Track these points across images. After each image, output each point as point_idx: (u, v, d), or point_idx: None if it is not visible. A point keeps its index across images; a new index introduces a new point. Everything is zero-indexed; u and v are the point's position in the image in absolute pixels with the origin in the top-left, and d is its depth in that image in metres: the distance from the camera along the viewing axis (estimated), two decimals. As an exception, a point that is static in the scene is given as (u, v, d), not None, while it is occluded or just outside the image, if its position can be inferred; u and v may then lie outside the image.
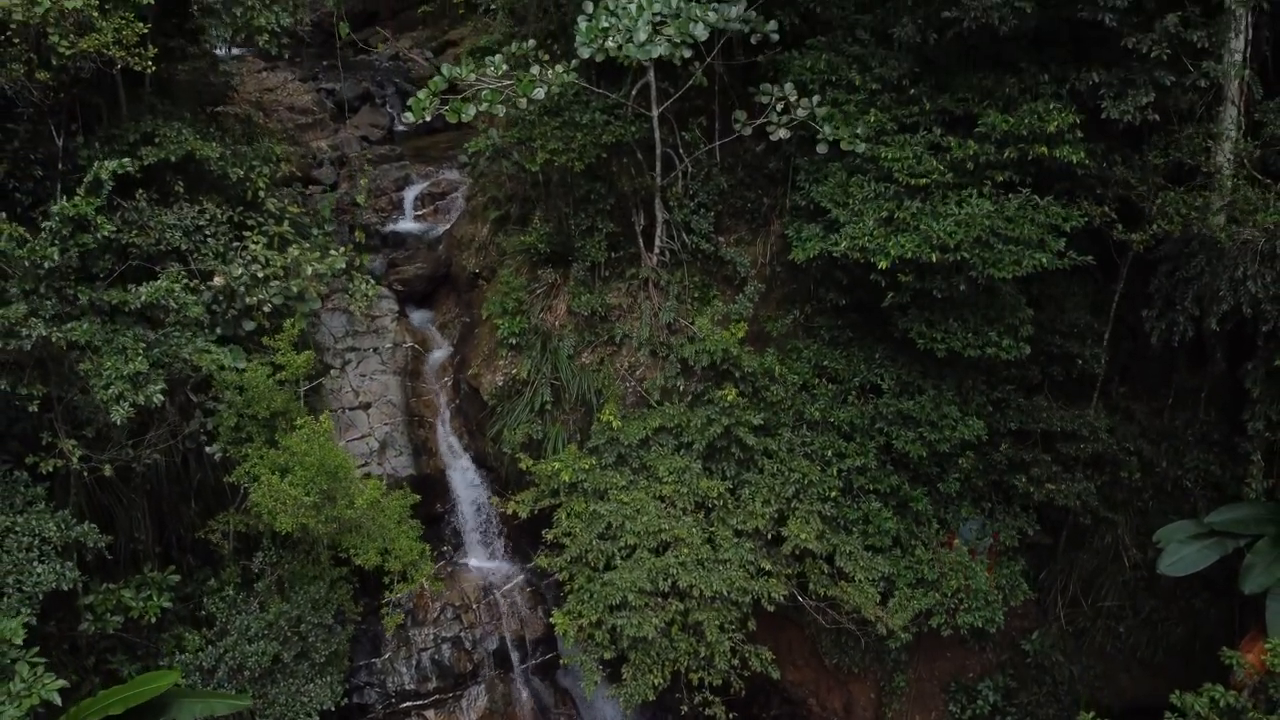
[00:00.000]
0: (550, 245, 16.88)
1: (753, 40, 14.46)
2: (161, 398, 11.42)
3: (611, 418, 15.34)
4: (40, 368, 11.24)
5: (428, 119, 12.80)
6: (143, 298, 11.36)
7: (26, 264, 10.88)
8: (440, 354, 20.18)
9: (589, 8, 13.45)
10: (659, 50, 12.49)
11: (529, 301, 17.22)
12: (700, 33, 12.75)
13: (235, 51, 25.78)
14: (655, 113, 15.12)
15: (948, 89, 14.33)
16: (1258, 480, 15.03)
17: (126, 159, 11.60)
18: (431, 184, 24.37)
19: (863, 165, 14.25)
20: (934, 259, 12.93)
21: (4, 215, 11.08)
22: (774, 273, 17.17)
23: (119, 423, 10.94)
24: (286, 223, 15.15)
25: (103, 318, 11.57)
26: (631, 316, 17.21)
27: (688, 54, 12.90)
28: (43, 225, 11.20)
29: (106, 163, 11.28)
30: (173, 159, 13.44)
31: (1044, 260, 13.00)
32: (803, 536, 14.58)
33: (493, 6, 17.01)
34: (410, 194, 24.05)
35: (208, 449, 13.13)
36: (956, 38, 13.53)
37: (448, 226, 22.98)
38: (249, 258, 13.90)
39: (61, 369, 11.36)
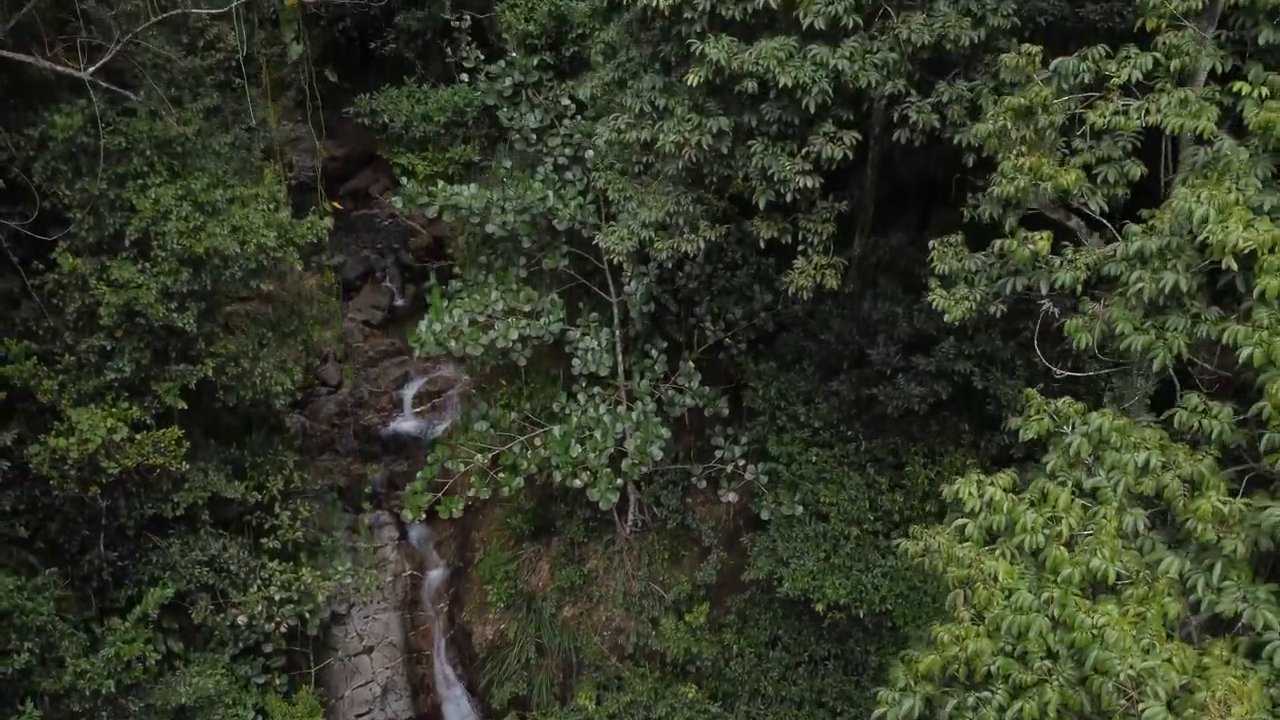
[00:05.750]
0: (532, 525, 18.82)
1: (706, 414, 16.37)
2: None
3: (587, 701, 17.32)
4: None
5: (424, 518, 14.76)
6: (182, 698, 13.32)
7: (87, 692, 12.86)
8: (437, 575, 22.15)
9: (561, 398, 15.35)
10: (617, 494, 14.53)
11: (515, 569, 19.18)
12: (656, 453, 14.70)
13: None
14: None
15: (881, 430, 16.21)
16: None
17: (170, 589, 13.55)
18: (429, 381, 26.33)
19: (806, 501, 16.15)
20: (862, 613, 14.88)
21: (67, 644, 12.97)
22: (738, 527, 19.11)
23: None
24: (299, 524, 17.05)
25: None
26: (608, 579, 19.17)
27: (645, 469, 14.82)
28: (99, 653, 13.08)
29: (154, 591, 13.22)
30: (200, 501, 15.41)
31: (957, 618, 14.90)
32: (755, 816, 16.61)
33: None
34: (409, 392, 25.99)
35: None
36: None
37: (445, 425, 24.90)
38: (266, 576, 15.85)
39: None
